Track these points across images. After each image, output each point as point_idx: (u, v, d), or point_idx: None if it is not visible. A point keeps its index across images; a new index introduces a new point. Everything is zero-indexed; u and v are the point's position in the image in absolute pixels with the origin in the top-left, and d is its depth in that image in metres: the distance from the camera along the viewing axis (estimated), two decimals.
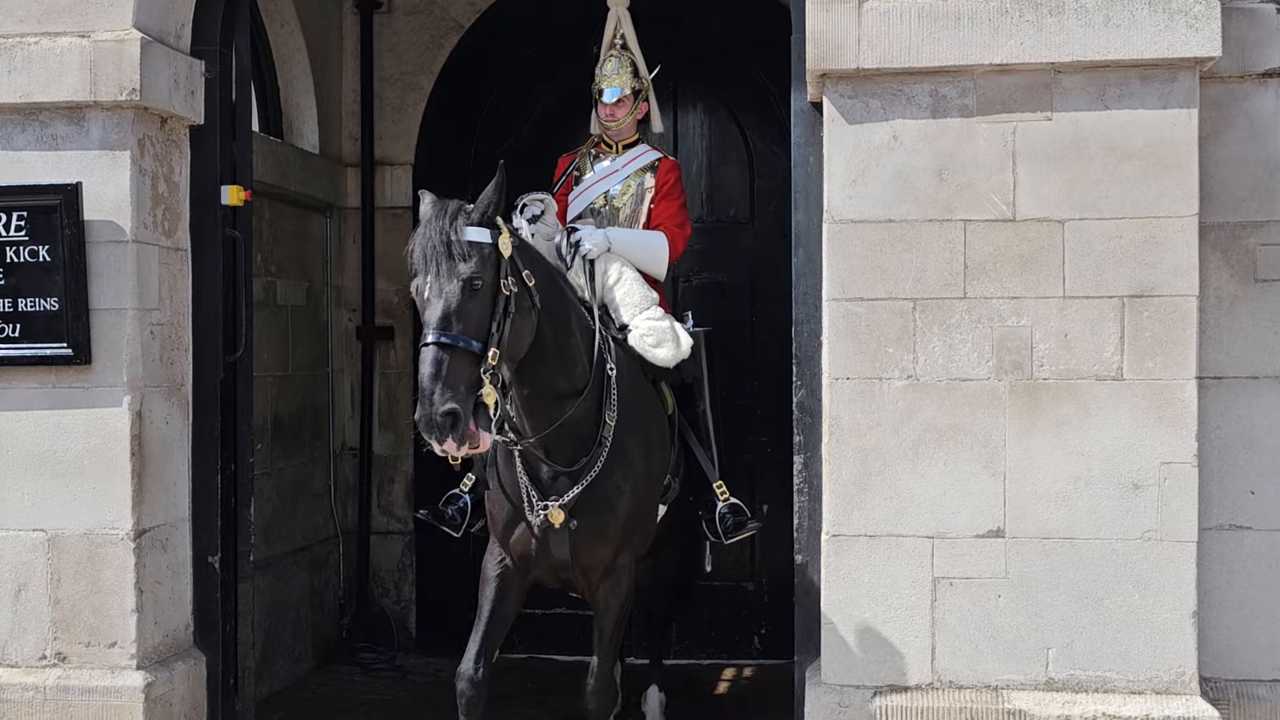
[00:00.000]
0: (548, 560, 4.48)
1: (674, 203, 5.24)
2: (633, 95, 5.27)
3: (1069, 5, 4.25)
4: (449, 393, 3.76)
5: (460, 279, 3.88)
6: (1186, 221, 4.28)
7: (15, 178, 4.72)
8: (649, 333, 4.83)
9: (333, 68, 7.08)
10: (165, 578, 4.89)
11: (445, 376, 3.77)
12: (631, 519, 4.54)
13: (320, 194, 6.85)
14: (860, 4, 4.33)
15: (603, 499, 4.43)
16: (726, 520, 4.87)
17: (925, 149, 4.36)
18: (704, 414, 5.01)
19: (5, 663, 4.77)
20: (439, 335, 3.82)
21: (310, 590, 6.71)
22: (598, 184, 5.24)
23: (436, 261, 3.89)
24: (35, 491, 4.75)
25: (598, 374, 4.44)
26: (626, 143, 5.32)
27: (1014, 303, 4.33)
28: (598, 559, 4.49)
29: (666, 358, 4.84)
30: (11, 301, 4.72)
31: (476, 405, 3.82)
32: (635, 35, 5.40)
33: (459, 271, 3.89)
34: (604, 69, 5.30)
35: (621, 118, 5.26)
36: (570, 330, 4.35)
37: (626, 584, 4.60)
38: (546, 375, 4.27)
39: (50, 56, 4.67)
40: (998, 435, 4.32)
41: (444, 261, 3.89)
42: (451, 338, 3.81)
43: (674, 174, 5.28)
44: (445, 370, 3.78)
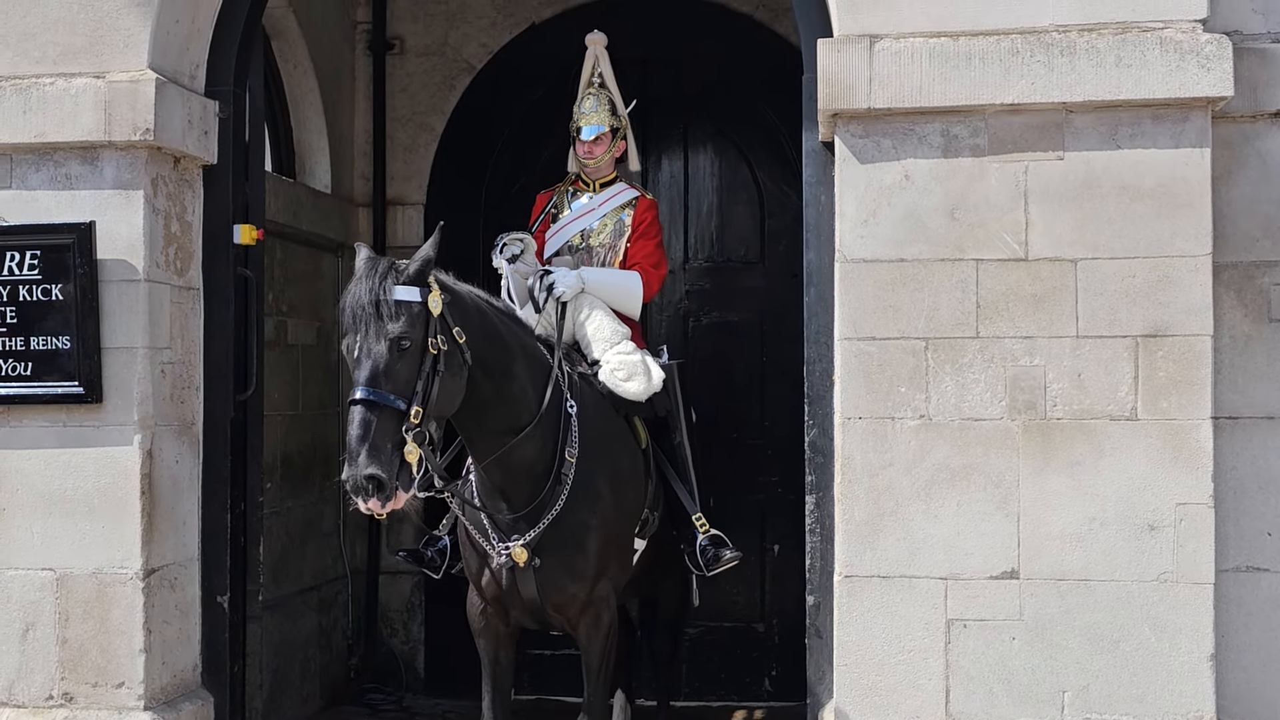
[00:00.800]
0: (519, 601, 4.52)
1: (650, 241, 5.25)
2: (610, 133, 5.29)
3: (1080, 45, 4.26)
4: (374, 453, 3.84)
5: (388, 338, 3.94)
6: (1200, 261, 4.26)
7: (29, 217, 4.74)
8: (619, 367, 4.83)
9: (345, 108, 7.12)
10: (174, 617, 4.86)
11: (371, 437, 3.84)
12: (603, 554, 4.53)
13: (332, 233, 6.86)
14: (872, 44, 4.34)
15: (568, 536, 4.43)
16: (708, 552, 4.86)
17: (937, 188, 4.36)
18: (680, 446, 5.01)
19: (12, 703, 4.74)
20: (366, 394, 3.88)
21: (319, 630, 6.67)
22: (575, 222, 5.26)
23: (365, 320, 3.97)
24: (44, 530, 4.74)
25: (552, 413, 4.46)
26: (604, 181, 5.33)
27: (1027, 342, 4.31)
28: (569, 596, 4.50)
29: (637, 391, 4.83)
30: (24, 340, 4.73)
31: (400, 464, 3.88)
32: (613, 74, 5.42)
33: (387, 331, 3.95)
34: (582, 107, 5.32)
35: (599, 155, 5.27)
36: (511, 376, 4.36)
37: (608, 619, 4.60)
38: (485, 421, 4.32)
39: (65, 97, 4.70)
40: (1011, 475, 4.29)
41: (373, 321, 3.96)
42: (379, 396, 3.88)
43: (651, 213, 5.30)
44: (372, 430, 3.85)
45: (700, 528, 4.88)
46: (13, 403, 4.74)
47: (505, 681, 4.65)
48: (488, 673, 4.67)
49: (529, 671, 6.78)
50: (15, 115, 4.71)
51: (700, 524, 4.88)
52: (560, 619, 4.59)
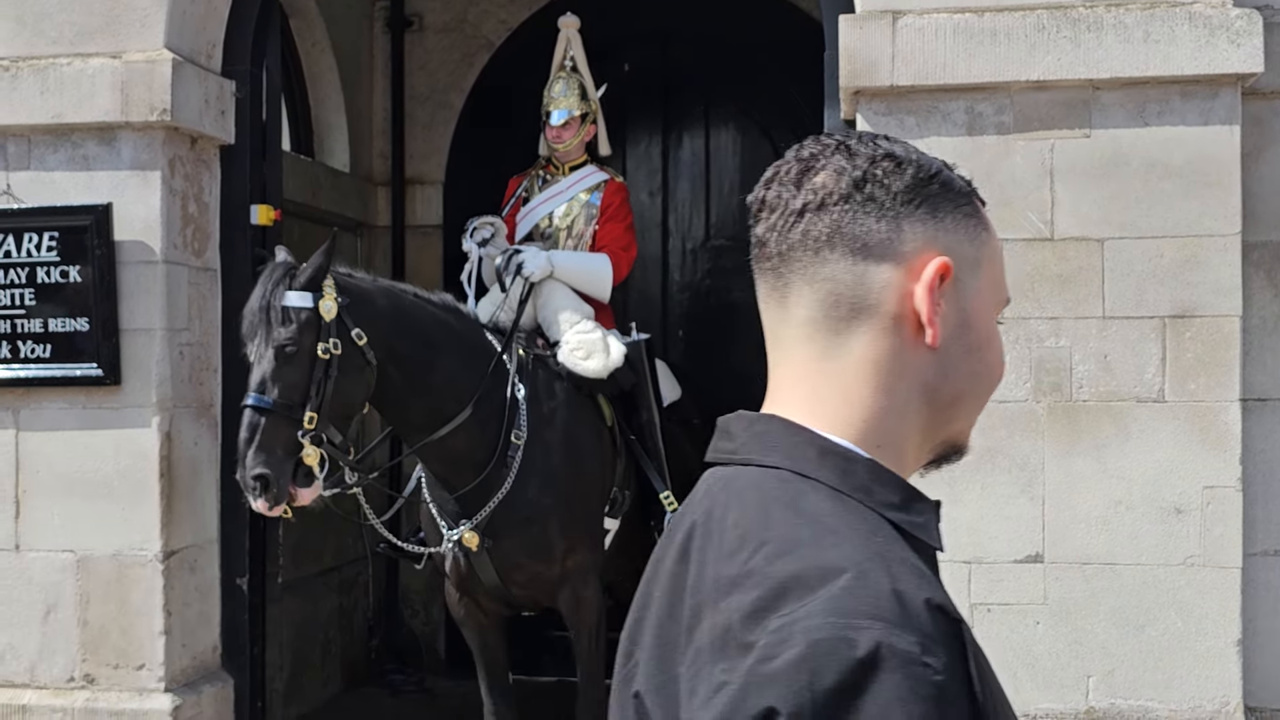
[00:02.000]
0: (481, 586, 4.55)
1: (619, 225, 5.21)
2: (580, 118, 5.26)
3: (1107, 21, 4.18)
4: (262, 455, 3.95)
5: (274, 345, 4.04)
6: (1229, 240, 4.19)
7: (47, 199, 4.72)
8: (578, 346, 4.81)
9: (363, 86, 7.08)
10: (193, 599, 4.86)
11: (260, 440, 3.96)
12: (566, 531, 4.53)
13: (350, 213, 6.84)
14: (895, 21, 4.27)
15: (520, 516, 4.44)
16: None
17: (961, 166, 4.28)
18: (649, 424, 4.94)
19: (34, 684, 4.75)
20: (255, 399, 4.00)
21: (339, 611, 6.67)
22: (543, 205, 5.23)
23: (256, 326, 4.07)
24: (64, 512, 4.74)
25: (492, 400, 4.47)
26: (573, 164, 5.31)
27: (1052, 323, 4.25)
28: (533, 575, 4.52)
29: (595, 369, 4.79)
30: (42, 322, 4.72)
31: (297, 466, 4.00)
32: (585, 57, 5.38)
33: (274, 337, 4.05)
34: (552, 90, 5.30)
35: (568, 139, 5.24)
36: (432, 368, 4.37)
37: (589, 595, 4.60)
38: (408, 415, 4.38)
39: (82, 77, 4.68)
40: (1036, 458, 4.24)
41: (262, 327, 4.07)
42: (266, 402, 3.98)
43: (619, 195, 5.26)
44: (259, 434, 3.97)
45: (667, 505, 4.80)
46: (32, 385, 4.74)
47: (498, 666, 4.71)
48: (478, 659, 4.74)
49: (550, 653, 6.77)
50: (33, 96, 4.69)
51: (668, 502, 4.80)
52: (529, 598, 4.60)
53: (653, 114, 7.02)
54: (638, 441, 4.92)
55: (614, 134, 7.03)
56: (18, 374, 4.72)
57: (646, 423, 4.94)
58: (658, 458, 4.91)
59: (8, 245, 4.71)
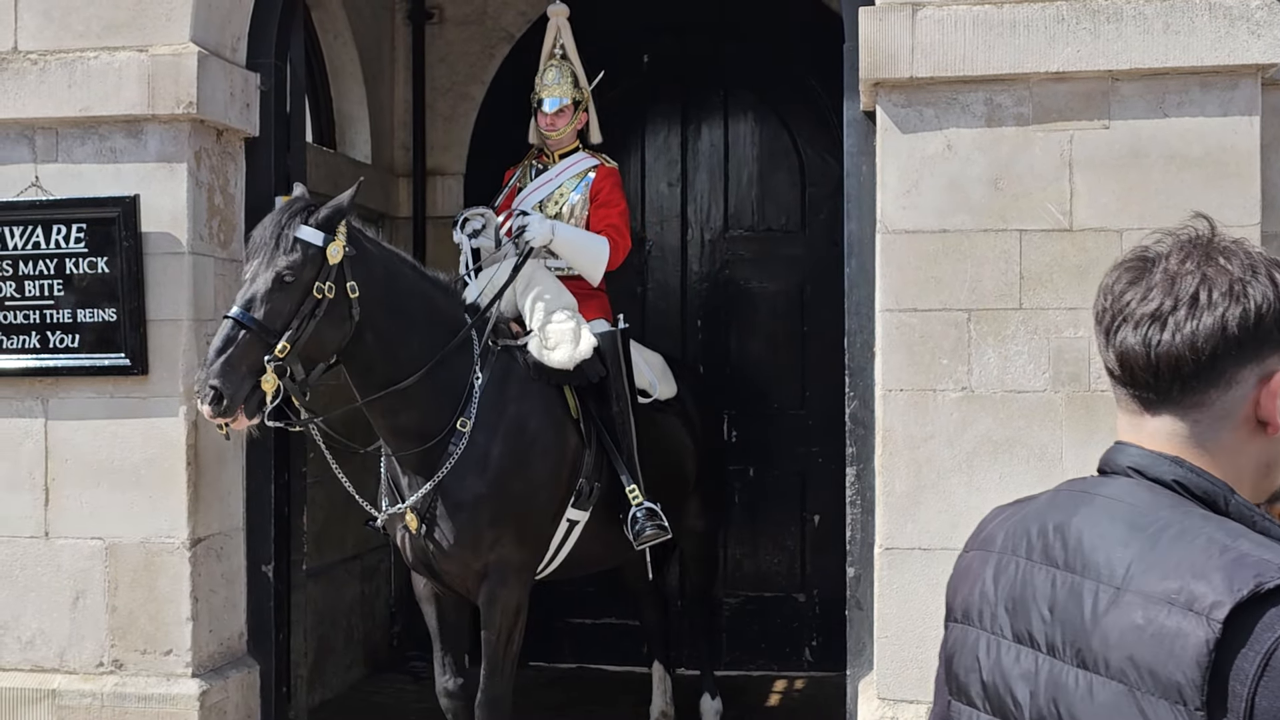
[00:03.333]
0: (423, 567, 4.64)
1: (613, 210, 5.22)
2: (573, 105, 5.28)
3: (1127, 12, 4.19)
4: (228, 369, 4.03)
5: (276, 269, 4.12)
6: (1249, 231, 4.19)
7: (75, 190, 4.79)
8: (549, 336, 4.80)
9: (385, 79, 7.12)
10: (220, 586, 4.93)
11: (230, 353, 4.03)
12: (495, 523, 4.50)
13: (372, 204, 6.89)
14: (914, 12, 4.29)
15: (453, 503, 4.46)
16: (638, 523, 4.75)
17: (980, 158, 4.31)
18: (618, 415, 4.87)
19: (63, 669, 4.83)
20: (239, 314, 4.08)
21: (361, 598, 6.74)
22: (535, 192, 5.25)
23: (261, 249, 4.16)
24: (93, 500, 4.80)
25: (450, 383, 4.50)
26: (564, 152, 5.33)
27: (1071, 313, 4.27)
28: (458, 564, 4.53)
29: (561, 360, 4.74)
30: (70, 312, 4.78)
31: (253, 389, 4.07)
32: (575, 45, 5.40)
33: (277, 263, 4.13)
34: (544, 79, 5.31)
35: (561, 127, 5.26)
36: (403, 344, 4.44)
37: (506, 595, 4.54)
38: (370, 379, 4.44)
39: (109, 71, 4.73)
40: (1054, 448, 4.26)
41: (268, 250, 4.15)
42: (249, 320, 4.07)
43: (610, 180, 5.26)
44: (232, 347, 4.04)
45: (633, 500, 4.77)
46: (61, 374, 4.80)
47: (451, 645, 4.74)
48: (435, 640, 4.78)
49: (570, 640, 6.83)
50: (60, 89, 4.75)
51: (633, 496, 4.77)
52: (462, 587, 4.61)
53: (671, 105, 7.05)
54: (607, 434, 4.85)
55: (633, 125, 7.08)
56: (47, 363, 4.79)
57: (616, 414, 4.86)
58: (627, 451, 4.84)
59: (37, 236, 4.78)
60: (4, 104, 4.77)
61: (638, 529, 4.76)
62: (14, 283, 4.80)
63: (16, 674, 4.83)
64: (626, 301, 7.02)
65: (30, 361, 4.80)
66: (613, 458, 4.84)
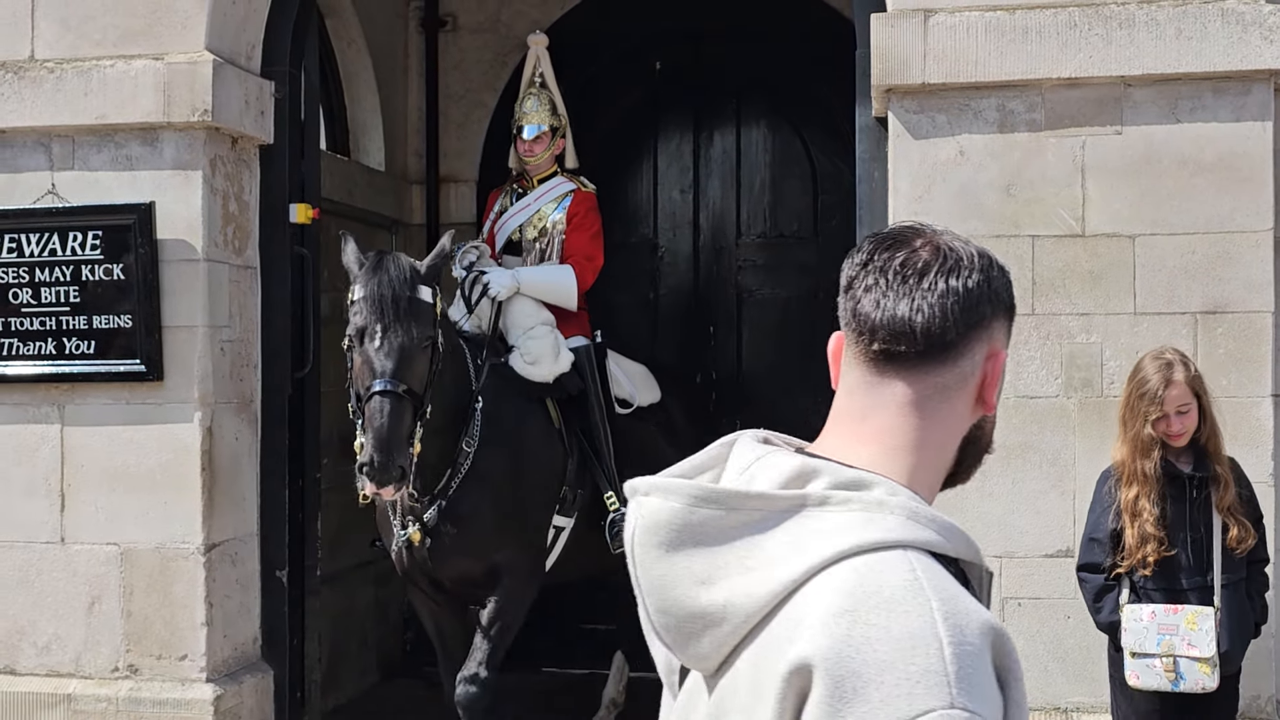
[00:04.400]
0: (421, 577, 4.73)
1: (585, 234, 5.36)
2: (550, 132, 5.42)
3: (1139, 18, 4.20)
4: (396, 444, 4.12)
5: (411, 335, 4.22)
6: (1261, 236, 4.20)
7: (91, 197, 4.82)
8: (528, 352, 4.98)
9: (398, 86, 7.15)
10: (234, 591, 4.95)
11: (397, 428, 4.12)
12: (497, 529, 4.68)
13: (386, 211, 6.91)
14: (926, 18, 4.30)
15: (458, 516, 4.60)
16: (615, 527, 4.94)
17: (992, 164, 4.32)
18: (595, 426, 5.09)
19: (79, 674, 4.85)
20: (393, 386, 4.14)
21: (375, 604, 6.75)
22: (514, 217, 5.39)
23: (385, 312, 4.21)
24: (109, 505, 4.83)
25: (453, 410, 4.62)
26: (542, 176, 5.46)
27: (1083, 319, 4.27)
28: (463, 570, 4.68)
29: (542, 374, 4.98)
30: (87, 319, 4.81)
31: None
32: (554, 74, 5.58)
33: (410, 329, 4.23)
34: (524, 106, 5.48)
35: (539, 153, 5.42)
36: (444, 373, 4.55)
37: (512, 585, 4.70)
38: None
39: (125, 79, 4.76)
40: (1067, 453, 4.26)
41: (395, 314, 4.21)
42: (399, 390, 4.15)
43: (585, 204, 5.40)
44: (397, 420, 4.12)
45: (610, 506, 4.96)
46: (77, 380, 4.83)
47: (454, 651, 4.86)
48: (435, 642, 4.95)
49: (583, 646, 6.83)
50: (77, 97, 4.78)
51: (610, 502, 4.97)
52: (463, 593, 4.76)
53: (684, 112, 7.07)
54: (587, 443, 5.06)
55: (645, 132, 7.09)
56: (63, 369, 4.82)
57: (593, 425, 5.08)
58: (604, 459, 5.05)
59: (53, 243, 4.81)
60: (21, 112, 4.81)
61: (615, 533, 4.94)
62: (30, 289, 4.83)
63: (32, 679, 4.85)
64: (638, 308, 7.05)
65: (46, 368, 4.83)
66: (592, 466, 5.03)
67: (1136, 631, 3.63)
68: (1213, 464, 3.68)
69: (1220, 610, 3.62)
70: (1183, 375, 3.67)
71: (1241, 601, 3.70)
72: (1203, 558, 3.64)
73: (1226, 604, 3.66)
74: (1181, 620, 3.58)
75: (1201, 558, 3.64)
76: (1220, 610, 3.62)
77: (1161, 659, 3.59)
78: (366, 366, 4.23)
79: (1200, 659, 3.56)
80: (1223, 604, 3.65)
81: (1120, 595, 3.71)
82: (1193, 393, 3.67)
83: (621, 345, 6.18)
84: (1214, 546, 3.63)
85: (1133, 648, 3.64)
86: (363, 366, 4.25)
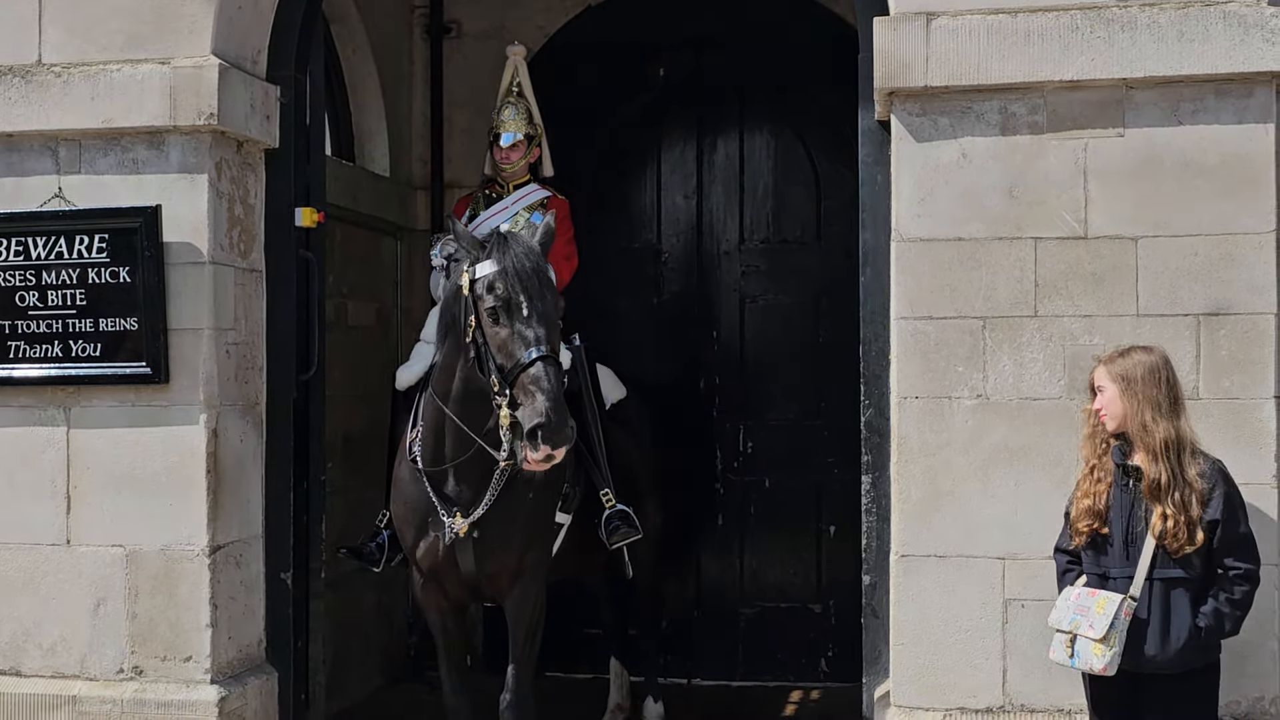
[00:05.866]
0: (454, 573, 4.72)
1: (562, 238, 5.37)
2: (526, 140, 5.51)
3: (1141, 20, 4.21)
4: (564, 405, 4.19)
5: (552, 306, 4.35)
6: (1264, 238, 4.21)
7: (98, 201, 4.84)
8: None
9: (403, 92, 7.18)
10: (239, 593, 4.96)
11: (561, 389, 4.21)
12: (529, 525, 4.71)
13: (390, 216, 6.94)
14: (929, 22, 4.32)
15: (504, 509, 4.61)
16: (611, 523, 4.99)
17: (995, 166, 4.33)
18: (590, 424, 5.13)
19: (84, 675, 4.86)
20: (549, 352, 4.23)
21: (379, 608, 6.77)
22: (488, 221, 5.39)
23: (535, 285, 4.32)
24: (114, 507, 4.84)
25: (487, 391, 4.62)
26: (517, 183, 5.53)
27: (1086, 321, 4.28)
28: (501, 565, 4.68)
29: None
30: (93, 321, 4.83)
31: None
32: (530, 82, 5.66)
33: (550, 300, 4.35)
34: (501, 115, 5.56)
35: (515, 160, 5.50)
36: None
37: (534, 591, 4.76)
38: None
39: (132, 83, 4.79)
40: (1070, 455, 4.25)
41: (538, 285, 4.33)
42: (554, 358, 4.25)
43: (562, 211, 5.44)
44: (559, 383, 4.22)
45: (606, 502, 5.00)
46: (83, 383, 4.85)
47: (457, 651, 4.92)
48: (439, 642, 4.95)
49: (585, 652, 6.84)
50: (84, 101, 4.81)
51: (606, 499, 5.01)
52: (492, 589, 4.78)
53: (687, 118, 7.09)
54: (581, 441, 5.07)
55: (649, 138, 7.11)
56: (69, 372, 4.84)
57: (588, 422, 5.12)
58: (598, 456, 5.10)
59: (59, 246, 4.83)
60: (28, 116, 4.83)
61: (611, 528, 4.98)
62: (37, 292, 4.85)
63: (38, 680, 4.87)
64: (642, 313, 7.07)
65: (52, 370, 4.85)
66: (587, 464, 5.07)
67: (1061, 609, 3.77)
68: (1134, 453, 3.72)
69: (1137, 602, 3.64)
70: (1108, 358, 3.80)
71: (1176, 603, 3.65)
72: (1137, 550, 3.68)
73: (1154, 602, 3.65)
74: (1094, 603, 3.68)
75: (1136, 550, 3.68)
76: (1137, 602, 3.64)
77: (1065, 635, 3.73)
78: (518, 337, 4.26)
79: (1093, 639, 3.65)
80: (1145, 598, 3.64)
81: (1078, 579, 3.81)
82: (1113, 378, 3.73)
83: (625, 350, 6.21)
84: (1147, 539, 3.67)
85: (1052, 623, 3.78)
86: (511, 337, 4.27)
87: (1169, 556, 3.66)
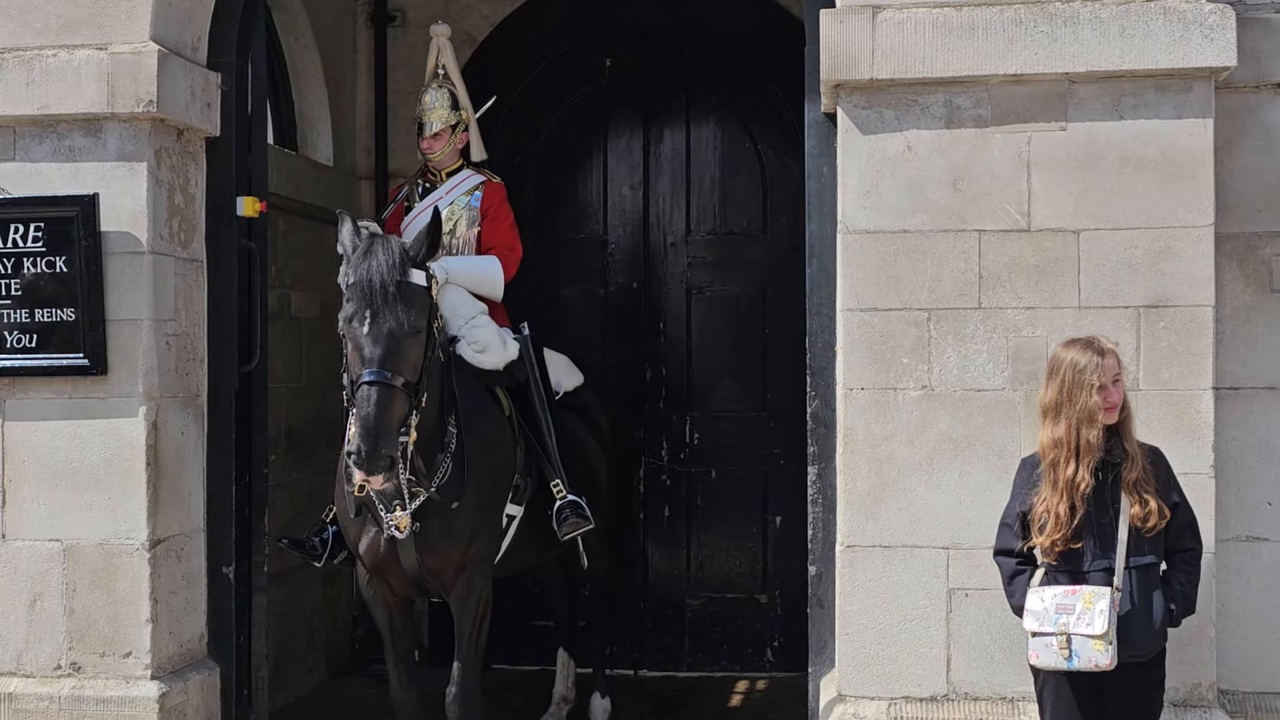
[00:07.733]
0: (398, 568, 4.64)
1: (502, 224, 5.35)
2: (450, 128, 5.35)
3: (1084, 15, 4.26)
4: (387, 434, 4.02)
5: (403, 322, 4.13)
6: (1202, 232, 4.27)
7: (33, 189, 4.75)
8: (474, 340, 4.94)
9: (347, 81, 7.10)
10: (180, 588, 4.89)
11: (386, 417, 4.03)
12: (474, 519, 4.64)
13: (334, 206, 6.79)
14: (875, 15, 4.34)
15: (444, 503, 4.54)
16: (563, 513, 4.94)
17: (939, 159, 4.36)
18: (538, 415, 5.11)
19: (20, 673, 4.78)
20: (383, 375, 4.06)
21: (323, 602, 6.71)
22: (424, 213, 5.27)
23: (373, 298, 4.13)
24: (51, 501, 4.76)
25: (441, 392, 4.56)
26: (450, 170, 5.42)
27: (1029, 313, 4.32)
28: (445, 559, 4.62)
29: (494, 362, 4.96)
30: (29, 312, 4.74)
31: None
32: (457, 65, 5.51)
33: (401, 315, 4.14)
34: (423, 101, 5.40)
35: (439, 149, 5.36)
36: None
37: (480, 584, 4.71)
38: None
39: (68, 69, 4.70)
40: (1013, 446, 4.31)
41: (384, 300, 4.13)
42: (394, 380, 4.08)
43: (498, 196, 5.38)
44: (388, 409, 4.03)
45: (556, 493, 4.96)
46: (18, 375, 4.76)
47: (404, 646, 4.86)
48: (386, 638, 4.88)
49: (532, 643, 6.83)
50: (18, 87, 4.71)
51: (557, 490, 4.97)
52: (435, 583, 4.71)
53: (634, 108, 7.07)
54: (531, 432, 5.06)
55: (595, 128, 7.09)
56: (4, 364, 4.75)
57: (537, 413, 5.09)
58: (549, 447, 5.06)
59: None
60: None
61: (562, 519, 4.93)
62: None
63: None
64: (589, 304, 7.05)
65: None
66: (537, 455, 5.02)
67: (1037, 613, 3.68)
68: (1123, 442, 3.72)
69: (1121, 592, 3.63)
70: (1112, 347, 3.74)
71: (1151, 589, 3.68)
72: (1109, 541, 3.67)
73: (1135, 591, 3.66)
74: (1079, 600, 3.62)
75: (1108, 541, 3.67)
76: (1121, 592, 3.63)
77: (1056, 637, 3.64)
78: (357, 354, 4.15)
79: (1093, 636, 3.59)
80: (1126, 587, 3.65)
81: (1033, 578, 3.75)
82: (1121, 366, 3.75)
83: (571, 341, 6.19)
84: (1120, 529, 3.67)
85: (1033, 628, 3.69)
86: (353, 354, 4.18)
87: (1141, 543, 3.67)
